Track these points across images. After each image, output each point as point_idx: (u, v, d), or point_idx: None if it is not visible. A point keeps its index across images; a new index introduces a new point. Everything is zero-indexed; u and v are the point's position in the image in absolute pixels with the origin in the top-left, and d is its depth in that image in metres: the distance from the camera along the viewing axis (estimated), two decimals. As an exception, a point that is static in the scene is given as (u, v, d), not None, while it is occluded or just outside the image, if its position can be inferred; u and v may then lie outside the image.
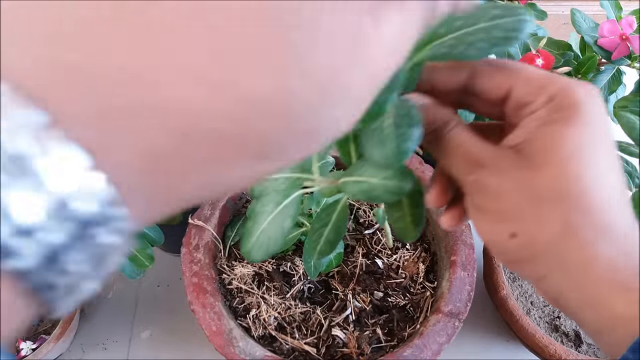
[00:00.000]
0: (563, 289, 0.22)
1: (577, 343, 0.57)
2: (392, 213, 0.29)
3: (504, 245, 0.22)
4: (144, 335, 0.63)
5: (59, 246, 0.11)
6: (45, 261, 0.11)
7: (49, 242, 0.11)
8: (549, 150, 0.21)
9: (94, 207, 0.11)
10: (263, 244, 0.31)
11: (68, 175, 0.11)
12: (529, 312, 0.59)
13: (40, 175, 0.10)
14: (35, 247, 0.11)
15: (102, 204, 0.11)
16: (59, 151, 0.10)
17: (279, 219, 0.31)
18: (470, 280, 0.50)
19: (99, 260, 0.12)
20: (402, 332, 0.52)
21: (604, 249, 0.20)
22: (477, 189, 0.23)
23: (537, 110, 0.22)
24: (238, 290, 0.54)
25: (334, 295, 0.55)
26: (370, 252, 0.57)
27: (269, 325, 0.52)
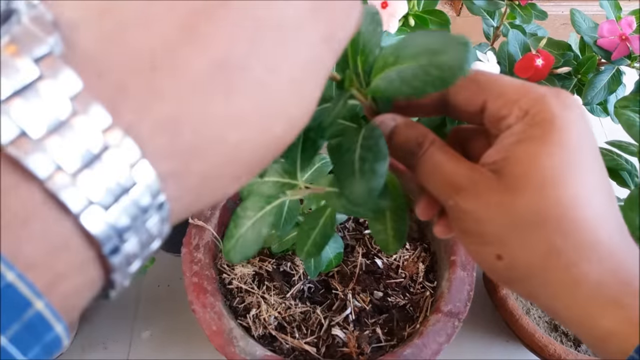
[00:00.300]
0: (554, 308, 0.21)
1: (577, 343, 0.57)
2: (374, 225, 0.30)
3: (491, 266, 0.22)
4: (144, 335, 0.63)
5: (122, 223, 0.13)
6: (116, 232, 0.13)
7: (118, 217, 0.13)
8: (526, 174, 0.20)
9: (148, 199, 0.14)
10: (240, 248, 0.31)
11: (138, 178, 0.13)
12: (529, 312, 0.59)
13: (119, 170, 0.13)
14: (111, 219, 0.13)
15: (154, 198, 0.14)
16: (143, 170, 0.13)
17: (258, 226, 0.31)
18: (470, 280, 0.50)
19: (145, 244, 0.15)
20: (402, 332, 0.52)
21: (589, 268, 0.20)
22: (457, 214, 0.23)
23: (512, 125, 0.21)
24: (238, 290, 0.54)
25: (334, 295, 0.55)
26: (370, 251, 0.57)
27: (269, 325, 0.52)
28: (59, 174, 0.12)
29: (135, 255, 0.14)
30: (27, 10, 0.13)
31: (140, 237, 0.14)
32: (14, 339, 0.12)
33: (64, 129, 0.12)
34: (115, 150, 0.13)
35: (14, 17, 0.13)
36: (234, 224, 0.32)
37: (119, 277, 0.14)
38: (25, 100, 0.12)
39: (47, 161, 0.12)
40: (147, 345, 0.63)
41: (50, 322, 0.12)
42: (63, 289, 0.13)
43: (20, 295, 0.12)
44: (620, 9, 0.52)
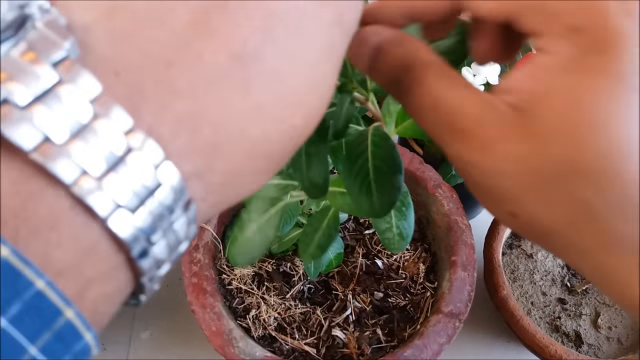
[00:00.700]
0: (581, 268, 0.18)
1: (578, 343, 0.57)
2: (379, 224, 0.29)
3: (506, 223, 0.18)
4: (143, 335, 0.63)
5: (150, 226, 0.13)
6: (144, 235, 0.13)
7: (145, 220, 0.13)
8: (567, 118, 0.15)
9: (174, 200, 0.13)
10: (246, 251, 0.31)
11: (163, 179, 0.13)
12: (530, 313, 0.59)
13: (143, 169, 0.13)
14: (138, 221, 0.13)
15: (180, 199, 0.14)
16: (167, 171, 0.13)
17: (265, 228, 0.31)
18: (471, 280, 0.50)
19: (173, 247, 0.14)
20: (403, 333, 0.52)
21: (625, 229, 0.16)
22: (461, 165, 0.18)
23: (552, 47, 0.16)
24: (238, 290, 0.54)
25: (334, 296, 0.55)
26: (370, 252, 0.57)
27: (268, 326, 0.52)
28: (84, 178, 0.12)
29: (164, 258, 0.14)
30: (40, 16, 0.13)
31: (168, 240, 0.14)
32: (45, 349, 0.11)
33: (87, 132, 0.12)
34: (139, 153, 0.13)
35: (28, 22, 0.13)
36: (238, 228, 0.31)
37: (148, 281, 0.14)
38: (46, 106, 0.12)
39: (72, 166, 0.12)
40: (146, 345, 0.62)
41: (80, 331, 0.12)
42: (93, 296, 0.13)
43: (50, 304, 0.12)
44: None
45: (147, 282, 0.14)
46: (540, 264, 0.62)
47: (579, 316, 0.59)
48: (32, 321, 0.11)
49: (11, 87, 0.12)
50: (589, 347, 0.57)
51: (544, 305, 0.60)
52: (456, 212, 0.54)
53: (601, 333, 0.58)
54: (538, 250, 0.63)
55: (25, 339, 0.11)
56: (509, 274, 0.61)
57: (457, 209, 0.54)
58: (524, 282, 0.61)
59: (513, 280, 0.61)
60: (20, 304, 0.11)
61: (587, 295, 0.60)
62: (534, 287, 0.61)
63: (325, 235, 0.32)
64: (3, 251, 0.11)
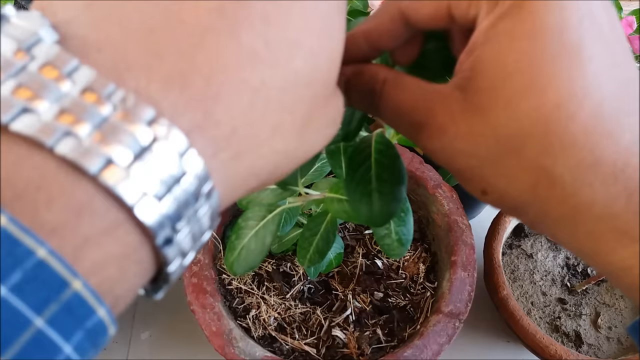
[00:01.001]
0: (560, 240, 0.18)
1: (578, 343, 0.57)
2: (378, 230, 0.29)
3: (482, 199, 0.19)
4: (143, 335, 0.63)
5: (174, 213, 0.13)
6: (169, 222, 0.13)
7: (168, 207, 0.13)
8: (493, 85, 0.16)
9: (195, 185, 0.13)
10: (243, 259, 0.31)
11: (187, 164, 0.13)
12: (530, 313, 0.59)
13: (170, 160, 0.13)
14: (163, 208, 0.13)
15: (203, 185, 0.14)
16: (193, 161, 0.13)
17: (261, 235, 0.31)
18: (471, 280, 0.50)
19: (196, 236, 0.14)
20: (403, 333, 0.52)
21: (592, 195, 0.16)
22: (431, 155, 0.19)
23: (478, 24, 0.17)
24: (238, 290, 0.54)
25: (334, 296, 0.55)
26: (370, 252, 0.57)
27: (268, 326, 0.52)
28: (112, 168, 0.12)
29: (186, 245, 0.14)
30: (16, 13, 0.13)
31: (192, 227, 0.14)
32: (53, 322, 0.11)
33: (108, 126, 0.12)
34: (164, 142, 0.13)
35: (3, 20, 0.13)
36: (235, 235, 0.31)
37: (172, 268, 0.14)
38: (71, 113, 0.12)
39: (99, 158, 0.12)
40: (146, 345, 0.62)
41: (90, 304, 0.12)
42: (108, 274, 0.12)
43: (54, 273, 0.11)
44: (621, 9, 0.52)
45: (172, 270, 0.14)
46: (540, 264, 0.62)
47: (579, 316, 0.59)
48: (35, 291, 0.11)
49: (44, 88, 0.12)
50: (589, 347, 0.57)
51: (544, 305, 0.60)
52: (456, 212, 0.54)
53: (601, 333, 0.58)
54: (538, 250, 0.63)
55: (30, 310, 0.11)
56: (509, 274, 0.61)
57: (457, 209, 0.54)
58: (524, 282, 0.61)
59: (513, 280, 0.61)
60: (21, 273, 0.11)
61: (587, 295, 0.60)
62: (534, 287, 0.61)
63: (324, 240, 0.32)
64: (2, 220, 0.11)
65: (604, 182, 0.16)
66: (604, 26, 0.16)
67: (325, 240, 0.32)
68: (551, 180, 0.16)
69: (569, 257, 0.63)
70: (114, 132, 0.12)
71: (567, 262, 0.63)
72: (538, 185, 0.16)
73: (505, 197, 0.18)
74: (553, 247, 0.63)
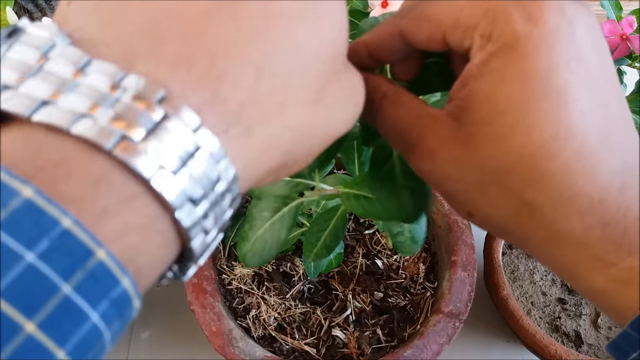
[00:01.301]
0: (542, 262, 0.19)
1: (578, 343, 0.57)
2: (391, 228, 0.29)
3: (468, 220, 0.20)
4: (143, 336, 0.63)
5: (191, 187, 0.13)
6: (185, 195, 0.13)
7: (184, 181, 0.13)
8: (485, 120, 0.17)
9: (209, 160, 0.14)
10: (258, 251, 0.30)
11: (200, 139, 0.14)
12: (530, 313, 0.59)
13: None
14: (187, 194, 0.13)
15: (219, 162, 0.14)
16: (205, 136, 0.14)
17: (277, 227, 0.30)
18: (471, 280, 0.50)
19: (217, 213, 0.15)
20: (403, 333, 0.52)
21: (570, 225, 0.17)
22: (419, 173, 0.20)
23: (472, 57, 0.18)
24: (238, 290, 0.54)
25: (334, 296, 0.55)
26: (370, 252, 0.57)
27: (268, 326, 0.52)
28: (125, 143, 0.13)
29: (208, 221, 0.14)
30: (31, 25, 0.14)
31: (212, 203, 0.14)
32: (79, 289, 0.11)
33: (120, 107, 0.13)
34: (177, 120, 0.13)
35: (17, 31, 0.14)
36: (249, 225, 0.31)
37: (195, 244, 0.14)
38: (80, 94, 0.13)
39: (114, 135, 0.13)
40: (146, 345, 0.62)
41: (115, 274, 0.12)
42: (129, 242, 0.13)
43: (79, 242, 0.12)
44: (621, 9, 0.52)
45: (195, 247, 0.14)
46: (540, 264, 0.62)
47: (579, 316, 0.59)
48: (62, 259, 0.11)
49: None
50: (589, 347, 0.57)
51: (544, 305, 0.60)
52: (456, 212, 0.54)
53: (601, 333, 0.58)
54: (538, 250, 0.63)
55: (58, 276, 0.11)
56: (509, 274, 0.61)
57: (457, 209, 0.54)
58: (524, 282, 0.61)
59: (513, 280, 0.61)
60: (48, 241, 0.11)
61: (587, 295, 0.60)
62: (534, 287, 0.61)
63: (332, 235, 0.32)
64: (27, 192, 0.11)
65: (581, 214, 0.17)
66: (591, 66, 0.17)
67: (334, 236, 0.32)
68: (532, 210, 0.17)
69: (569, 257, 0.63)
70: (126, 111, 0.13)
71: (567, 262, 0.63)
72: (520, 213, 0.18)
73: (490, 221, 0.19)
74: (553, 247, 0.63)
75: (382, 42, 0.21)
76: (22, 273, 0.11)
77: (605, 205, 0.17)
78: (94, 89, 0.13)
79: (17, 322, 0.10)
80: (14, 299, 0.11)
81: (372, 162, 0.24)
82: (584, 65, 0.17)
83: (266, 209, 0.30)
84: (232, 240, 0.56)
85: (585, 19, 0.17)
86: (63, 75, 0.13)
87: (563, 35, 0.16)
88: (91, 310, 0.12)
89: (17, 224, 0.11)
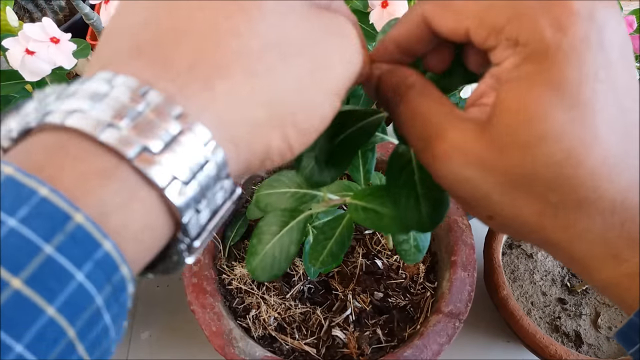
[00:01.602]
0: (555, 258, 0.20)
1: (578, 343, 0.57)
2: (397, 236, 0.29)
3: (485, 223, 0.20)
4: (143, 336, 0.63)
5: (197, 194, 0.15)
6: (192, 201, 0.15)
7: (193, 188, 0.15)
8: (513, 127, 0.17)
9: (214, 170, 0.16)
10: (267, 265, 0.30)
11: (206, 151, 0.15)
12: (530, 313, 0.59)
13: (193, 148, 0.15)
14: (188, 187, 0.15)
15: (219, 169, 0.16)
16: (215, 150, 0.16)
17: (286, 242, 0.30)
18: (471, 280, 0.50)
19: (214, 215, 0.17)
20: (403, 333, 0.52)
21: (590, 225, 0.18)
22: (435, 173, 0.20)
23: (499, 60, 0.18)
24: (238, 290, 0.54)
25: (334, 296, 0.55)
26: (370, 252, 0.57)
27: (268, 326, 0.52)
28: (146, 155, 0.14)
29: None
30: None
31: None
32: (61, 249, 0.12)
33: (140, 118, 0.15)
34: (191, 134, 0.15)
35: None
36: (257, 240, 0.30)
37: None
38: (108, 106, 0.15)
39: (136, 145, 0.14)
40: (146, 345, 0.62)
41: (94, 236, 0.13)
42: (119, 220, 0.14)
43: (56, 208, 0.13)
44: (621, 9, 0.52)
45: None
46: (540, 264, 0.62)
47: (579, 316, 0.59)
48: (41, 223, 0.12)
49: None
50: (589, 347, 0.57)
51: (544, 305, 0.60)
52: (456, 212, 0.54)
53: (601, 333, 0.58)
54: (538, 250, 0.63)
55: (39, 238, 0.12)
56: (509, 274, 0.61)
57: (457, 209, 0.54)
58: (524, 282, 0.61)
59: (513, 280, 0.61)
60: (28, 208, 0.12)
61: (587, 295, 0.60)
62: (534, 287, 0.61)
63: (338, 244, 0.31)
64: (6, 169, 0.13)
65: (602, 215, 0.17)
66: (618, 73, 0.17)
67: (340, 244, 0.32)
68: (555, 212, 0.18)
69: (569, 257, 0.63)
70: (148, 124, 0.14)
71: (567, 262, 0.63)
72: (543, 215, 0.18)
73: (511, 224, 0.19)
74: (553, 247, 0.63)
75: (409, 32, 0.21)
76: (5, 236, 0.12)
77: (626, 204, 0.17)
78: (120, 102, 0.14)
79: (3, 278, 0.11)
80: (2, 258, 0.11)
81: (389, 169, 0.24)
82: (612, 73, 0.17)
83: (274, 222, 0.30)
84: (232, 240, 0.56)
85: (614, 24, 0.17)
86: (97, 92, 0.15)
87: (592, 44, 0.17)
88: (75, 270, 0.12)
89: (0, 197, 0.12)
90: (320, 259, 0.32)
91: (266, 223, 0.30)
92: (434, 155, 0.19)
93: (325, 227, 0.32)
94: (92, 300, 0.13)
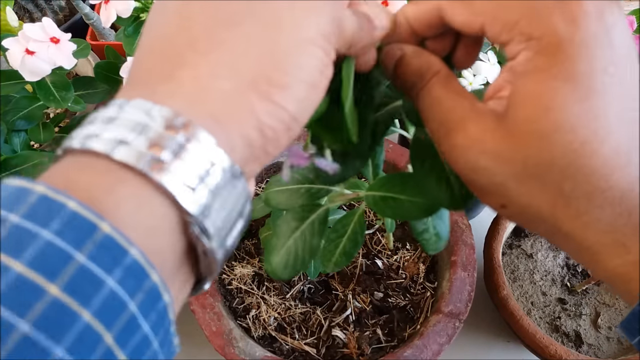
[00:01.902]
0: (563, 248, 0.21)
1: (578, 343, 0.57)
2: (416, 226, 0.29)
3: (497, 211, 0.21)
4: (143, 335, 0.63)
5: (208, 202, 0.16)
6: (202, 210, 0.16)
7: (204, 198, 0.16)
8: (530, 118, 0.18)
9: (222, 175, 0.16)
10: (290, 262, 0.29)
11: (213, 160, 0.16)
12: (530, 313, 0.59)
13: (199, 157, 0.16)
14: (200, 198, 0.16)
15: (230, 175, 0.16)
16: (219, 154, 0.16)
17: (308, 236, 0.29)
18: (471, 280, 0.50)
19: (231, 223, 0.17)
20: (403, 333, 0.52)
21: (600, 214, 0.18)
22: (452, 160, 0.20)
23: (516, 53, 0.19)
24: (238, 290, 0.54)
25: (334, 296, 0.55)
26: (371, 252, 0.57)
27: (268, 326, 0.52)
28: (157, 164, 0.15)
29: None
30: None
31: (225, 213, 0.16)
32: (92, 257, 0.13)
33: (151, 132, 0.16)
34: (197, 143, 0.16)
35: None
36: (275, 238, 0.30)
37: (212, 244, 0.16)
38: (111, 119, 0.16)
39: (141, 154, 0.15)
40: (146, 346, 0.62)
41: (121, 244, 0.14)
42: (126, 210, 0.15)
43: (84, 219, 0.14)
44: (621, 9, 0.52)
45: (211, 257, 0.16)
46: (540, 264, 0.62)
47: (579, 316, 0.59)
48: (72, 233, 0.13)
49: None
50: (589, 347, 0.57)
51: (544, 305, 0.60)
52: (456, 212, 0.54)
53: (601, 333, 0.58)
54: (538, 250, 0.63)
55: (71, 247, 0.13)
56: (509, 274, 0.61)
57: (457, 209, 0.54)
58: (524, 282, 0.61)
59: (513, 280, 0.61)
60: (60, 221, 0.13)
61: (587, 295, 0.60)
62: (534, 287, 0.61)
63: (351, 241, 0.31)
64: (39, 188, 0.14)
65: (612, 204, 0.18)
66: (625, 70, 0.18)
67: (353, 242, 0.31)
68: (568, 201, 0.18)
69: (569, 257, 0.63)
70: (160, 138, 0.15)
71: (567, 262, 0.63)
72: (556, 204, 0.19)
73: (524, 213, 0.20)
74: (553, 247, 0.63)
75: (421, 16, 0.22)
76: (42, 247, 0.13)
77: (633, 194, 0.18)
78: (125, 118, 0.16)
79: (42, 285, 0.12)
80: (38, 267, 0.12)
81: (413, 155, 0.24)
82: (620, 69, 0.18)
83: (293, 218, 0.29)
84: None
85: (621, 25, 0.18)
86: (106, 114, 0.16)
87: (602, 41, 0.18)
88: (106, 276, 0.13)
89: (34, 212, 0.13)
90: (333, 260, 0.32)
91: (284, 220, 0.30)
92: (453, 145, 0.20)
93: (338, 224, 0.32)
94: (125, 305, 0.13)
